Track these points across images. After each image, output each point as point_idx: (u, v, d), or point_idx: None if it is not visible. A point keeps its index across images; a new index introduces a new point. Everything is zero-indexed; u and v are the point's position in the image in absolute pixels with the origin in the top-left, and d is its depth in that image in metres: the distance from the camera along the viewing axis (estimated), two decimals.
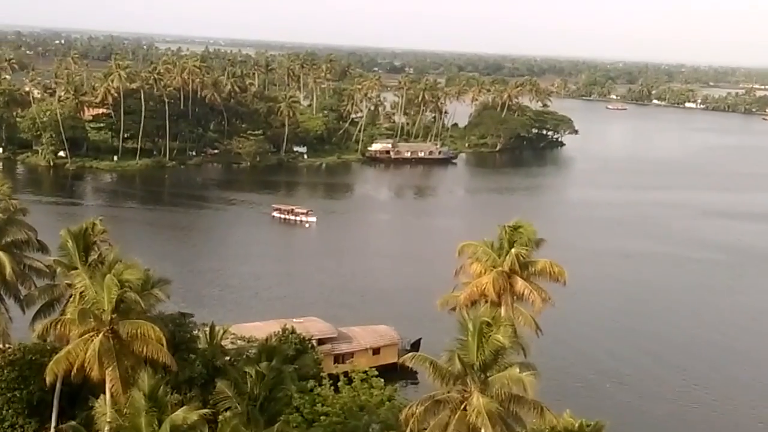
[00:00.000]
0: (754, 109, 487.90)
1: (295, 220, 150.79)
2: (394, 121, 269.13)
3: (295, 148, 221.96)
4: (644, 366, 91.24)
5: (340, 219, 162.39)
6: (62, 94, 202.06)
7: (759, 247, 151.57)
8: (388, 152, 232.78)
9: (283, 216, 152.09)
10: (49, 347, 51.10)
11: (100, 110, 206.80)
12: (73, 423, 47.08)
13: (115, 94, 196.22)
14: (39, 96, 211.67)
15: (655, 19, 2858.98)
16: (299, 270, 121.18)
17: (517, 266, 55.38)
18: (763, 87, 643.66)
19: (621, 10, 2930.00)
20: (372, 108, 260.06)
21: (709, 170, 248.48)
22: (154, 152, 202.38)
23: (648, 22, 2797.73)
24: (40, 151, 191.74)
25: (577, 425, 49.40)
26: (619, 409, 75.18)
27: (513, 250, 55.39)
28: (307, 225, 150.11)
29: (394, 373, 76.06)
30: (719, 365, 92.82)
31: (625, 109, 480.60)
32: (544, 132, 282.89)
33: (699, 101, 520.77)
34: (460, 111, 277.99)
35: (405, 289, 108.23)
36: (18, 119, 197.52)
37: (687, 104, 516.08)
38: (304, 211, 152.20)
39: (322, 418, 55.88)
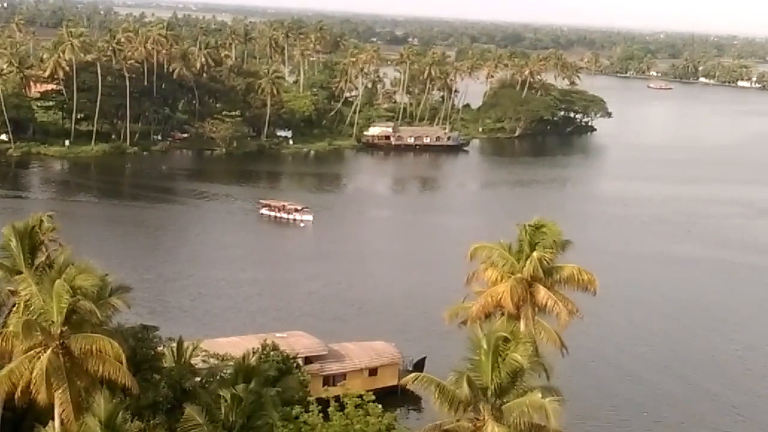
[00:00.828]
0: None
1: (288, 219, 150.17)
2: (395, 102, 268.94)
3: (279, 133, 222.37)
4: (687, 395, 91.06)
5: (334, 216, 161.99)
6: (4, 67, 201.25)
7: None
8: (388, 138, 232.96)
9: (273, 213, 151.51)
10: None
11: (49, 86, 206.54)
12: None
13: (67, 68, 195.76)
14: None
15: None
16: (287, 277, 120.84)
17: (539, 273, 55.27)
18: None
19: None
20: (369, 86, 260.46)
21: (765, 161, 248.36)
22: (113, 136, 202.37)
23: None
24: None
25: None
26: None
27: (535, 253, 55.32)
28: (302, 224, 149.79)
29: (394, 397, 76.39)
30: None
31: (670, 88, 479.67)
32: (572, 115, 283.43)
33: (754, 79, 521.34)
34: (472, 90, 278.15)
35: (408, 298, 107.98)
36: None
37: (740, 83, 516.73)
38: (299, 207, 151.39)
39: None
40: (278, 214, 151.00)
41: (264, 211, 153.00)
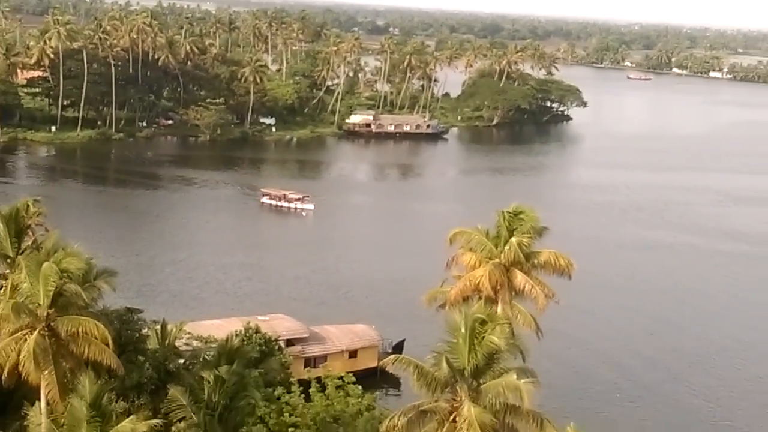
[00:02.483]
0: None
1: (289, 208, 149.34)
2: (376, 90, 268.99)
3: (262, 120, 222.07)
4: (661, 375, 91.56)
5: (320, 204, 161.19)
6: None
7: None
8: (369, 125, 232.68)
9: (274, 202, 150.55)
10: None
11: (36, 73, 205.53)
12: None
13: (53, 55, 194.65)
14: None
15: None
16: (277, 263, 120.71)
17: (517, 257, 55.39)
18: None
19: None
20: (351, 74, 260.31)
21: (738, 150, 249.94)
22: (99, 123, 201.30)
23: None
24: None
25: None
26: (631, 421, 75.67)
27: (513, 239, 55.41)
28: (303, 213, 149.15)
29: (373, 378, 76.49)
30: (747, 377, 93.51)
31: (649, 79, 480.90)
32: (549, 104, 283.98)
33: (725, 70, 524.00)
34: (452, 79, 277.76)
35: (390, 283, 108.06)
36: None
37: (712, 73, 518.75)
38: (299, 196, 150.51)
39: (290, 429, 56.08)
40: (279, 203, 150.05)
41: (265, 199, 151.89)
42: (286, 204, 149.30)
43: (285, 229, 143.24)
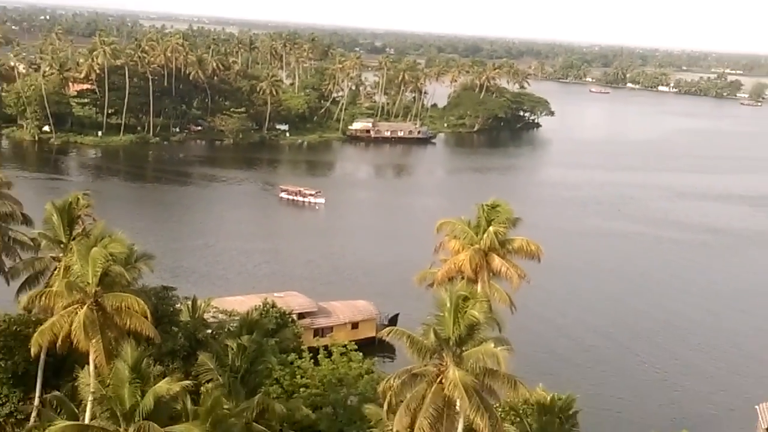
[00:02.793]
0: (725, 94, 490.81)
1: (304, 202, 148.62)
2: (374, 101, 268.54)
3: (277, 126, 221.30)
4: (616, 341, 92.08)
5: (330, 198, 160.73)
6: (47, 69, 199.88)
7: (731, 228, 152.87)
8: (368, 131, 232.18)
9: (291, 197, 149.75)
10: (33, 319, 50.89)
11: (85, 86, 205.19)
12: (57, 393, 47.07)
13: (100, 71, 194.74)
14: (24, 71, 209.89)
15: (630, 2, 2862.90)
16: (292, 248, 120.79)
17: (494, 244, 55.39)
18: (734, 72, 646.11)
19: None
20: (353, 87, 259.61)
21: (682, 153, 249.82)
22: (138, 128, 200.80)
23: (623, 5, 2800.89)
24: (24, 125, 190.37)
25: (549, 398, 49.93)
26: (591, 382, 75.90)
27: (490, 228, 55.40)
28: (316, 207, 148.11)
29: (372, 346, 76.50)
30: (687, 340, 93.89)
31: (607, 92, 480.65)
32: (521, 113, 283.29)
33: (672, 85, 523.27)
34: (439, 92, 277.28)
35: (386, 265, 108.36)
36: (3, 94, 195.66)
37: (660, 88, 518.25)
38: (313, 192, 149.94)
39: (301, 390, 56.13)
40: (295, 198, 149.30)
41: (283, 194, 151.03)
42: (301, 198, 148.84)
43: (299, 220, 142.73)
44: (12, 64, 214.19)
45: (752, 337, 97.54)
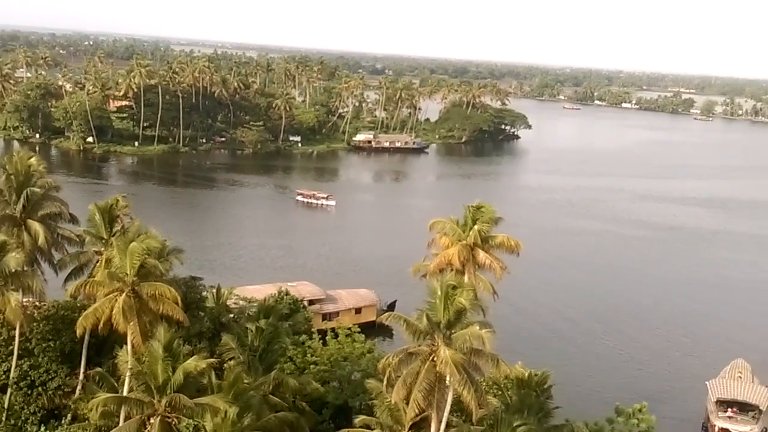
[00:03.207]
0: (680, 110, 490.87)
1: (317, 204, 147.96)
2: (375, 116, 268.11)
3: (291, 138, 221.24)
4: (585, 325, 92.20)
5: (338, 201, 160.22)
6: (90, 88, 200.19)
7: (685, 226, 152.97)
8: (370, 142, 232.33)
9: (306, 200, 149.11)
10: (79, 305, 50.92)
11: (123, 103, 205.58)
12: (99, 369, 47.15)
13: (136, 89, 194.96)
14: (70, 89, 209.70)
15: (597, 31, 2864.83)
16: (304, 244, 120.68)
17: (479, 240, 55.49)
18: (687, 91, 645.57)
19: (569, 22, 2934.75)
20: (356, 104, 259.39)
21: (643, 161, 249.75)
22: (170, 139, 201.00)
23: (592, 33, 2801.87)
24: (71, 137, 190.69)
25: (527, 374, 49.88)
26: (563, 360, 75.83)
27: (476, 226, 55.45)
28: (328, 209, 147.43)
29: (373, 329, 76.45)
30: (647, 324, 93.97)
31: (579, 108, 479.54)
32: (503, 126, 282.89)
33: (634, 102, 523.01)
34: (431, 108, 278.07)
35: (385, 258, 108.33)
36: (52, 109, 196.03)
37: (623, 104, 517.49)
38: (325, 195, 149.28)
39: (311, 366, 56.12)
40: (310, 200, 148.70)
41: (299, 198, 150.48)
42: (314, 201, 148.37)
43: (312, 220, 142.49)
44: (60, 83, 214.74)
45: (703, 322, 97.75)
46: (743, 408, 67.76)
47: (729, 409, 67.86)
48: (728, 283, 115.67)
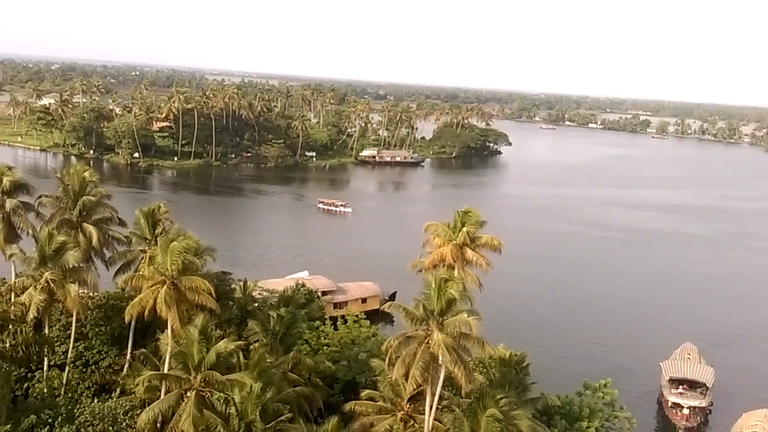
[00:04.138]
0: (638, 129, 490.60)
1: (336, 210, 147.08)
2: (378, 134, 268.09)
3: (307, 153, 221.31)
4: (558, 312, 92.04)
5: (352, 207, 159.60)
6: (136, 111, 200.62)
7: (644, 228, 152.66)
8: (374, 157, 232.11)
9: (326, 207, 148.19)
10: (126, 295, 50.97)
11: (164, 124, 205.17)
12: (144, 350, 47.17)
13: (176, 112, 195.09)
14: (119, 113, 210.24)
15: (568, 61, 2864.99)
16: (320, 244, 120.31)
17: (467, 240, 55.57)
18: (644, 113, 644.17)
19: (544, 54, 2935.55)
20: (363, 124, 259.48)
21: (606, 172, 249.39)
22: (204, 155, 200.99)
23: (564, 63, 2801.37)
24: (120, 153, 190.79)
25: (507, 355, 49.75)
26: (539, 343, 75.68)
27: (464, 228, 55.55)
28: (345, 215, 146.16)
29: (376, 316, 76.57)
30: (610, 312, 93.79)
31: (554, 129, 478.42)
32: (487, 144, 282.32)
33: (599, 123, 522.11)
34: (426, 128, 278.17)
35: (388, 256, 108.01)
36: (104, 129, 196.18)
37: (590, 125, 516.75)
38: (343, 203, 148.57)
39: (324, 348, 56.14)
40: (330, 207, 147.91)
41: (320, 205, 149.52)
42: (334, 208, 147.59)
43: (330, 224, 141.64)
44: (111, 107, 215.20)
45: (658, 310, 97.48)
46: (692, 385, 67.62)
47: (680, 386, 67.72)
48: (680, 277, 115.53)
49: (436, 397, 41.86)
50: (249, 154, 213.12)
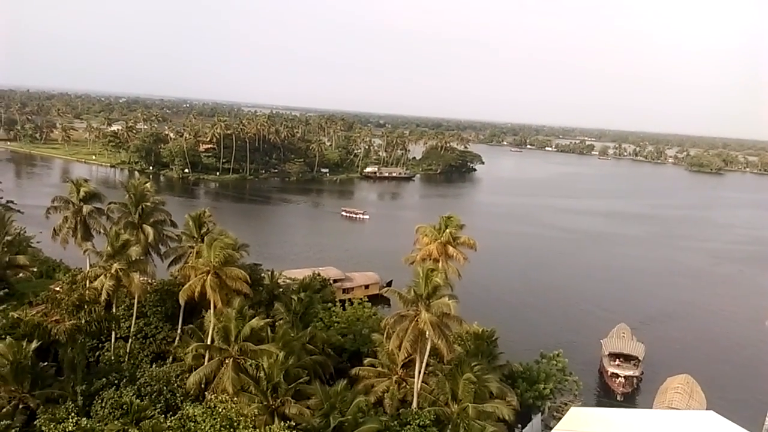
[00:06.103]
0: (585, 152, 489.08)
1: (355, 217, 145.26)
2: (379, 155, 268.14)
3: (322, 170, 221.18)
4: (521, 297, 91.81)
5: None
6: (187, 135, 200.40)
7: (592, 230, 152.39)
8: (375, 173, 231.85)
9: (348, 214, 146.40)
10: (178, 282, 51.07)
11: (209, 146, 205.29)
12: (191, 326, 47.20)
13: (217, 136, 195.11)
14: (173, 137, 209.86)
15: (529, 97, 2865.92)
16: (336, 242, 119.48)
17: (449, 239, 55.67)
18: (590, 139, 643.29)
19: (510, 92, 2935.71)
20: (366, 147, 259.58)
21: (561, 186, 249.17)
22: (240, 171, 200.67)
23: (525, 99, 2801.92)
24: (173, 169, 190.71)
25: (480, 330, 49.75)
26: (505, 321, 75.60)
27: (447, 229, 55.67)
28: (363, 221, 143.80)
29: (377, 299, 76.54)
30: (564, 296, 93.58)
31: (520, 151, 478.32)
32: (465, 162, 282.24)
33: (554, 146, 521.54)
34: (416, 150, 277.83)
35: (386, 252, 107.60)
36: (161, 150, 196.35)
37: (546, 148, 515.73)
38: (362, 211, 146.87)
39: (335, 324, 56.14)
40: (350, 215, 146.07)
41: (343, 213, 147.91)
42: (354, 215, 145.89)
43: (348, 228, 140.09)
44: (166, 133, 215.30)
45: (600, 296, 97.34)
46: (627, 358, 67.59)
47: (617, 359, 67.67)
48: (619, 269, 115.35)
49: (424, 364, 41.92)
50: (276, 170, 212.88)
